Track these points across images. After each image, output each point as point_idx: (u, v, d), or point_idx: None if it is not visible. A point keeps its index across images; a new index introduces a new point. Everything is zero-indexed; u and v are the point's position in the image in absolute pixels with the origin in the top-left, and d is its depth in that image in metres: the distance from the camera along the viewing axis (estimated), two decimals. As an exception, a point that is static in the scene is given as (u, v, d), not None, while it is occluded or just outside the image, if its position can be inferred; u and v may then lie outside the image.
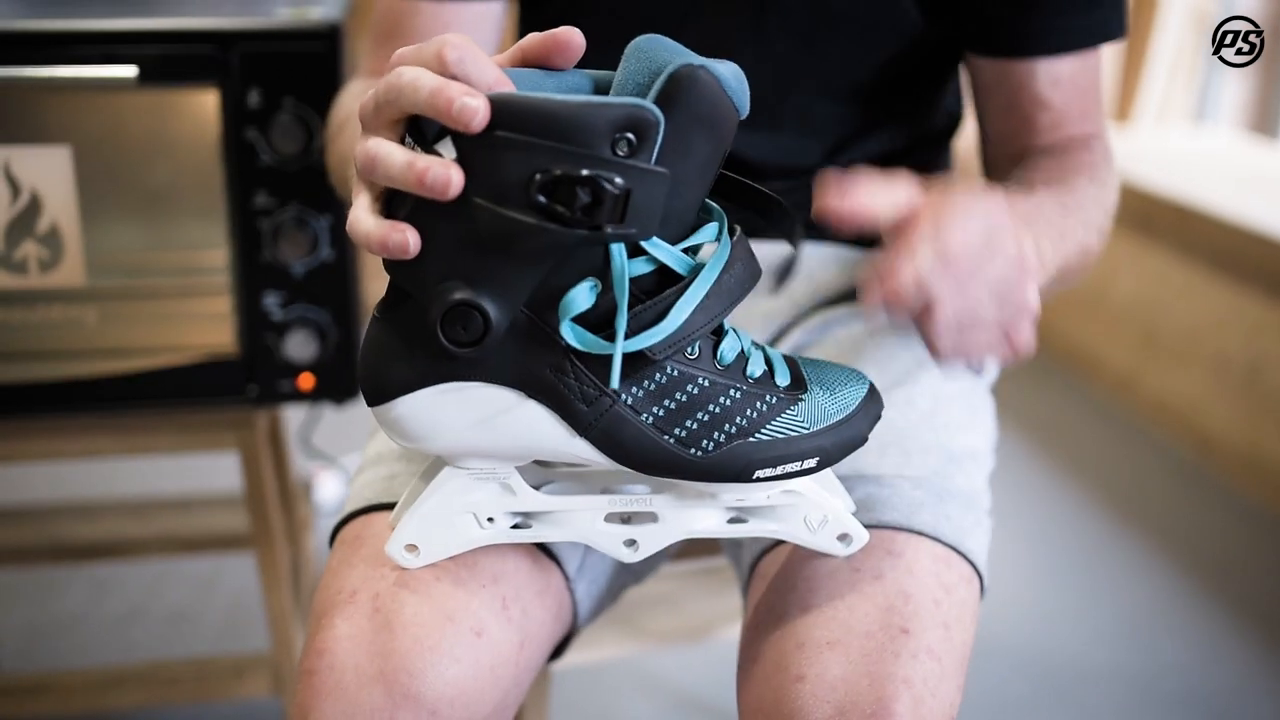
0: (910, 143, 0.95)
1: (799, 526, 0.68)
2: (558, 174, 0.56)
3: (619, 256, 0.59)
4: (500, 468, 0.67)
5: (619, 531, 0.69)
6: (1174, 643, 1.80)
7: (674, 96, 0.58)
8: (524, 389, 0.62)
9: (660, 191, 0.58)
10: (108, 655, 1.69)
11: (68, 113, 1.10)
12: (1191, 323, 2.42)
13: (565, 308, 0.60)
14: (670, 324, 0.60)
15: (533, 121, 0.56)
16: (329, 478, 2.03)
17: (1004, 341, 0.67)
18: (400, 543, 0.68)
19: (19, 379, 1.16)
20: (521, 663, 0.72)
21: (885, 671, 0.66)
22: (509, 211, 0.57)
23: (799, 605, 0.70)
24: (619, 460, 0.64)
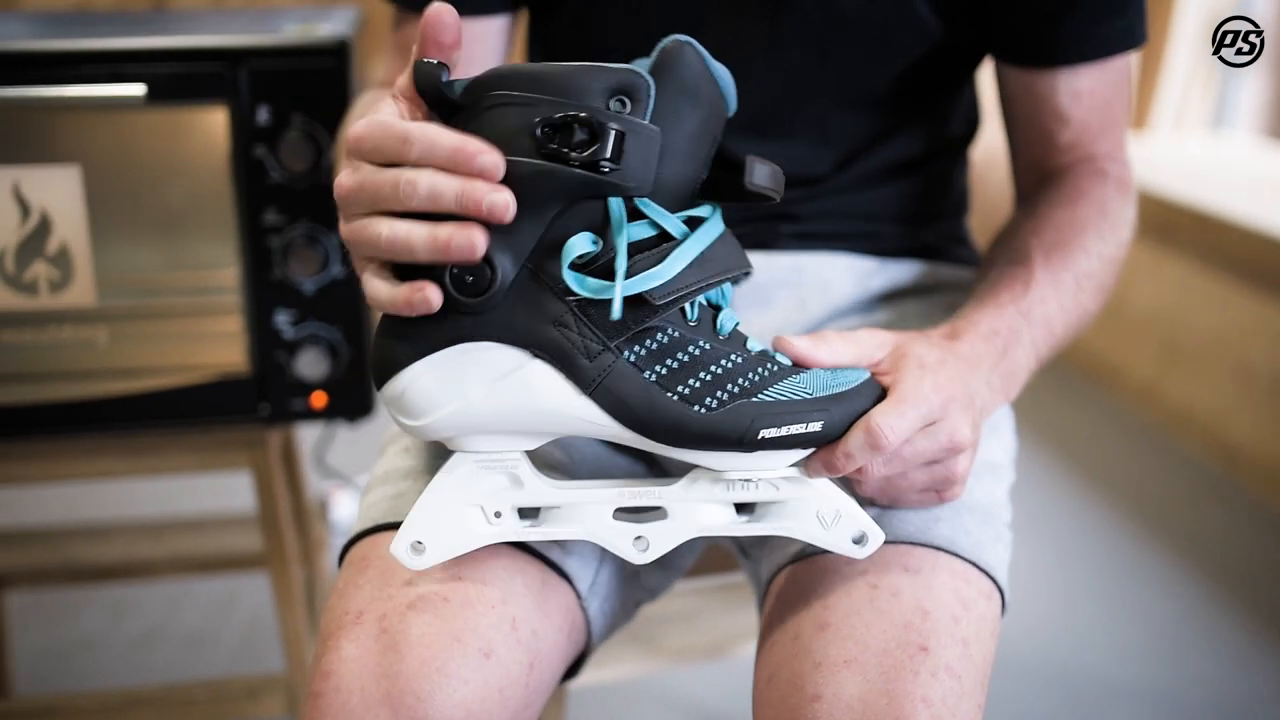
0: (925, 151, 0.94)
1: (811, 523, 0.67)
2: (557, 117, 0.60)
3: (617, 207, 0.62)
4: (507, 454, 0.66)
5: (628, 529, 0.67)
6: (1201, 657, 1.78)
7: (663, 66, 0.63)
8: (529, 347, 0.63)
9: (653, 148, 0.62)
10: (123, 677, 1.68)
11: (76, 132, 1.10)
12: (1213, 331, 2.40)
13: (565, 252, 0.62)
14: (669, 268, 0.63)
15: (534, 83, 0.61)
16: (344, 497, 2.02)
17: (931, 498, 0.72)
18: (406, 540, 0.67)
19: (30, 400, 1.15)
20: (531, 684, 0.70)
21: (903, 690, 0.64)
22: (515, 161, 0.60)
23: (815, 623, 0.69)
24: (623, 420, 0.64)
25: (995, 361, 0.74)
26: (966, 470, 0.70)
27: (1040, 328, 0.79)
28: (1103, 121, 0.88)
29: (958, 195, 1.00)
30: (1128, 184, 0.89)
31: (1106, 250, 0.85)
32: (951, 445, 0.68)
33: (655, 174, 0.63)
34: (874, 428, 0.64)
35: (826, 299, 0.92)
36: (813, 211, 0.92)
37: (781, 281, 0.91)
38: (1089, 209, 0.86)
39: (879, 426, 0.64)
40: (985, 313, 0.78)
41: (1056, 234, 0.84)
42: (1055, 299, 0.80)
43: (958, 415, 0.68)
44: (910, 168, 0.94)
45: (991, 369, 0.74)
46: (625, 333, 0.63)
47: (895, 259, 0.95)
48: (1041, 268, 0.81)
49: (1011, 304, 0.79)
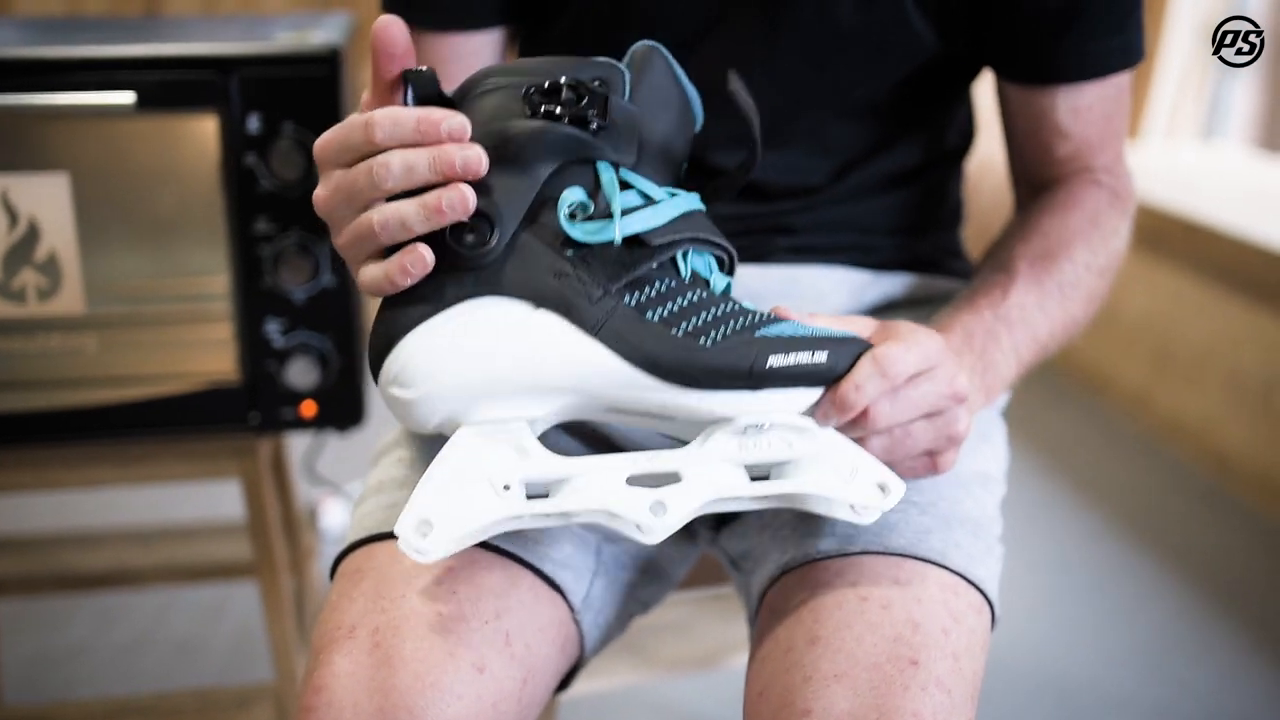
0: (921, 162, 0.94)
1: (830, 476, 0.66)
2: (547, 83, 0.65)
3: (606, 170, 0.66)
4: (513, 423, 0.65)
5: (644, 494, 0.65)
6: (1191, 666, 1.78)
7: (633, 66, 0.69)
8: (531, 299, 0.64)
9: (634, 123, 0.67)
10: (112, 686, 1.67)
11: (66, 140, 1.09)
12: (1205, 340, 2.40)
13: (561, 202, 0.65)
14: (662, 212, 0.66)
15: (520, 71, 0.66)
16: (334, 505, 2.02)
17: (929, 463, 0.70)
18: (412, 519, 0.63)
19: (18, 408, 1.15)
20: (525, 699, 0.70)
21: (893, 705, 0.64)
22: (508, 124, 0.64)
23: (806, 636, 0.69)
24: (632, 359, 0.64)
25: (973, 361, 0.75)
26: (965, 430, 0.69)
27: (1021, 332, 0.79)
28: (1102, 135, 0.89)
29: (953, 207, 1.00)
30: (1124, 195, 0.89)
31: (1096, 260, 0.85)
32: (953, 392, 0.67)
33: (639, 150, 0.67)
34: (880, 355, 0.65)
35: (821, 310, 0.92)
36: (808, 223, 0.92)
37: (776, 294, 0.91)
38: (1080, 219, 0.86)
39: (885, 354, 0.65)
40: (960, 316, 0.78)
41: (1044, 242, 0.84)
42: (1037, 306, 0.80)
43: (954, 364, 0.68)
44: (906, 179, 0.94)
45: (970, 368, 0.74)
46: (623, 276, 0.65)
47: (890, 272, 0.95)
48: (1024, 275, 0.81)
49: (989, 309, 0.79)
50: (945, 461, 0.71)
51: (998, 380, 0.77)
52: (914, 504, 0.76)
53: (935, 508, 0.76)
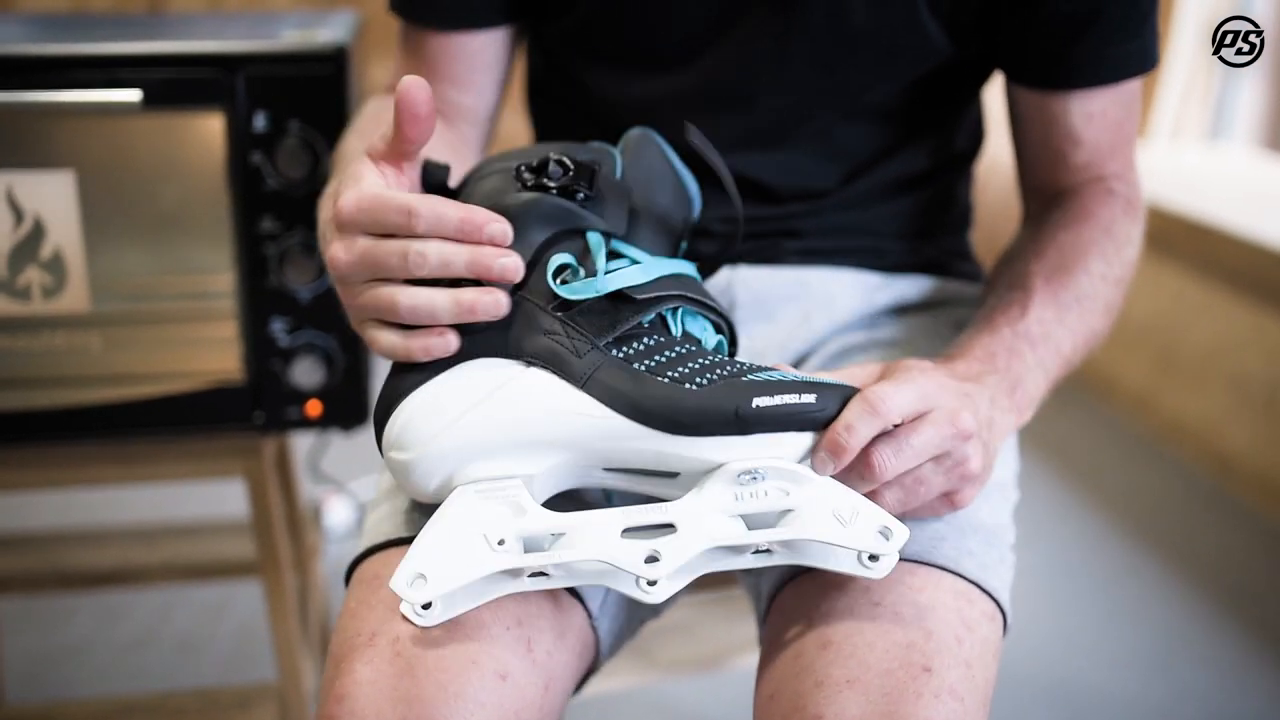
0: (930, 166, 0.94)
1: (830, 523, 0.65)
2: (537, 160, 0.69)
3: (595, 238, 0.69)
4: (508, 482, 0.65)
5: (639, 546, 0.65)
6: (1195, 668, 1.77)
7: (628, 148, 0.75)
8: (522, 358, 0.66)
9: (623, 196, 0.71)
10: (114, 685, 1.67)
11: (71, 138, 1.09)
12: (1209, 342, 2.40)
13: (549, 264, 0.67)
14: (649, 270, 0.68)
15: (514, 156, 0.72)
16: (338, 503, 2.01)
17: (947, 503, 0.71)
18: (408, 574, 0.64)
19: (23, 406, 1.14)
20: (546, 706, 0.69)
21: (906, 712, 0.63)
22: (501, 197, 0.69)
23: (817, 641, 0.68)
24: (618, 407, 0.64)
25: (998, 379, 0.74)
26: (980, 468, 0.68)
27: (1044, 347, 0.78)
28: (1114, 141, 0.88)
29: (961, 210, 0.99)
30: (1136, 203, 0.89)
31: (1112, 271, 0.84)
32: (957, 430, 0.66)
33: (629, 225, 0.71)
34: (869, 394, 0.65)
35: (830, 314, 0.91)
36: (817, 227, 0.92)
37: (785, 296, 0.91)
38: (1094, 230, 0.85)
39: (874, 392, 0.65)
40: (980, 337, 0.77)
41: (1059, 257, 0.83)
42: (1057, 320, 0.79)
43: (952, 400, 0.67)
44: (915, 183, 0.93)
45: (996, 385, 0.73)
46: (611, 331, 0.66)
47: (899, 274, 0.94)
48: (1041, 291, 0.81)
49: (1007, 326, 0.78)
50: (963, 499, 0.70)
51: (1027, 398, 0.76)
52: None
53: (952, 517, 0.76)
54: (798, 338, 0.91)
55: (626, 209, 0.71)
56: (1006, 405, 0.74)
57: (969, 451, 0.68)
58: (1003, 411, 0.73)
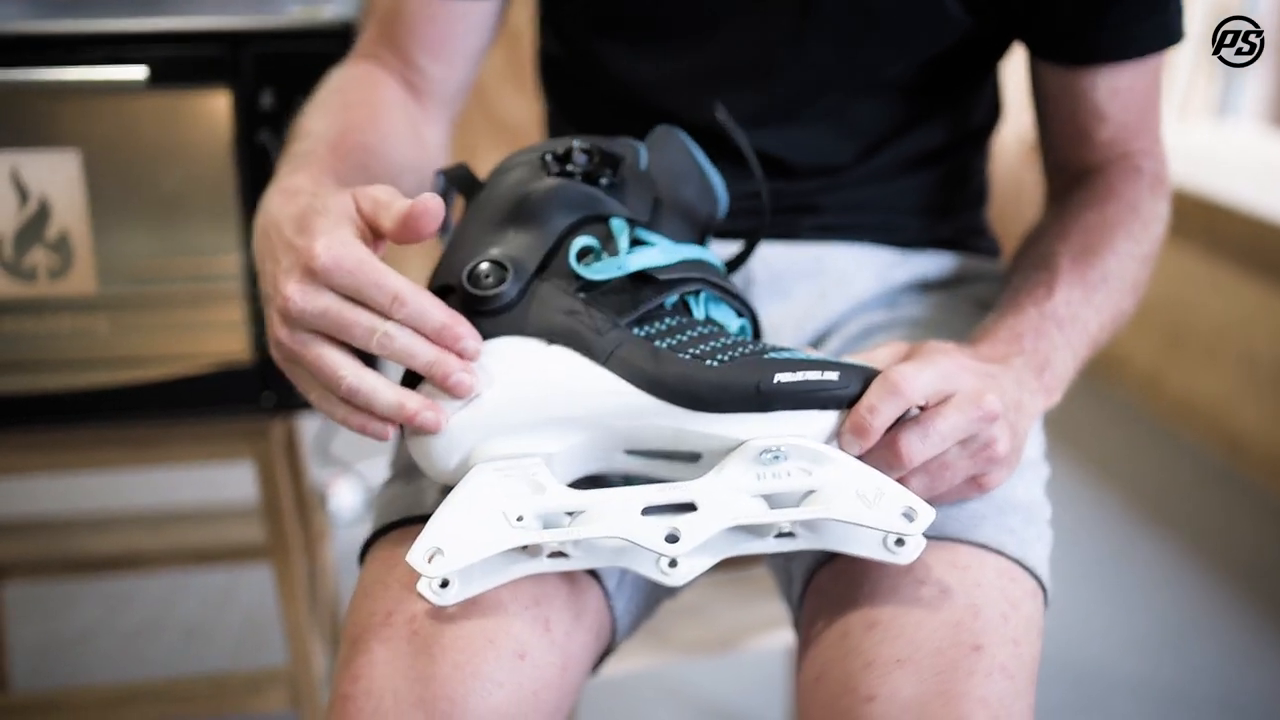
0: (947, 142, 0.93)
1: (853, 502, 0.63)
2: (563, 148, 0.70)
3: (618, 224, 0.69)
4: (528, 459, 0.65)
5: (660, 523, 0.64)
6: (1206, 648, 1.77)
7: (653, 144, 0.75)
8: (544, 336, 0.66)
9: (647, 187, 0.72)
10: (122, 671, 1.67)
11: (76, 117, 1.07)
12: (1219, 320, 2.39)
13: (571, 246, 0.68)
14: (671, 253, 0.68)
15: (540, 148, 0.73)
16: (344, 486, 2.00)
17: (975, 487, 0.70)
18: (424, 548, 0.62)
19: (29, 390, 1.13)
20: (564, 686, 0.68)
21: (959, 690, 0.63)
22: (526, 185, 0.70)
23: (863, 621, 0.67)
24: (639, 383, 0.64)
25: (1025, 360, 0.73)
26: (1008, 451, 0.67)
27: (1071, 327, 0.77)
28: (1140, 118, 0.87)
29: (978, 186, 0.98)
30: (1163, 179, 0.87)
31: (1139, 249, 0.83)
32: (983, 413, 0.65)
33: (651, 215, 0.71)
34: (891, 374, 0.64)
35: (848, 292, 0.90)
36: (834, 203, 0.91)
37: (802, 272, 0.90)
38: (1120, 208, 0.84)
39: (896, 373, 0.64)
40: (1005, 319, 0.76)
41: (1085, 237, 0.82)
42: (1084, 300, 0.78)
43: (975, 382, 0.66)
44: (933, 158, 0.92)
45: (1023, 367, 0.72)
46: (633, 311, 0.66)
47: (917, 251, 0.93)
48: (1068, 271, 0.79)
49: (1033, 307, 0.77)
50: (991, 482, 0.70)
51: (1055, 379, 0.75)
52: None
53: (991, 494, 0.75)
54: (815, 316, 0.90)
55: (650, 199, 0.71)
56: (1035, 386, 0.72)
57: (996, 434, 0.67)
58: (1031, 393, 0.72)
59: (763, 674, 1.66)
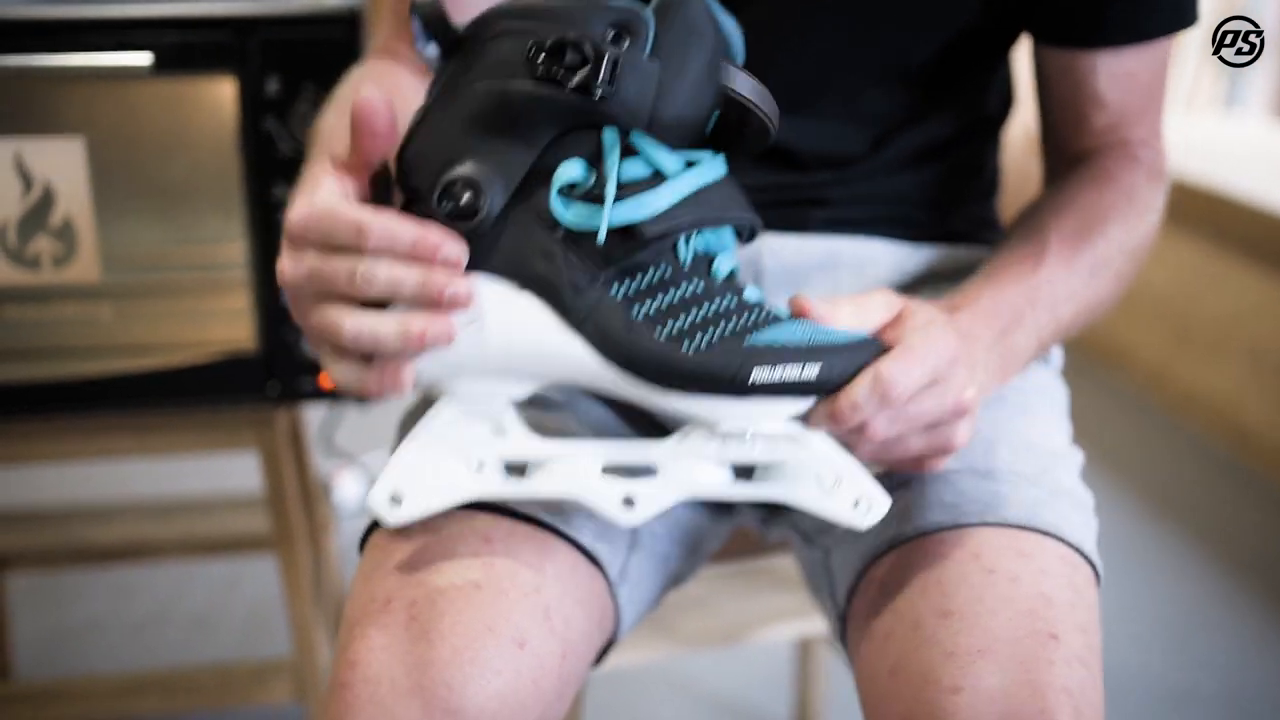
0: (958, 131, 0.92)
1: (811, 486, 0.64)
2: (551, 41, 0.60)
3: (610, 136, 0.62)
4: (493, 400, 0.64)
5: (617, 488, 0.64)
6: (1211, 642, 1.76)
7: (666, 7, 0.63)
8: (515, 279, 0.62)
9: (649, 81, 0.62)
10: (128, 661, 1.67)
11: (81, 103, 1.07)
12: (1225, 313, 2.38)
13: (555, 178, 0.62)
14: (660, 198, 0.61)
15: (533, 16, 0.62)
16: (349, 476, 2.00)
17: (916, 466, 0.69)
18: (384, 491, 0.63)
19: (32, 378, 1.13)
20: (564, 674, 0.68)
21: (1044, 680, 0.63)
22: (507, 83, 0.61)
23: (935, 610, 0.67)
24: (610, 356, 0.62)
25: (993, 341, 0.72)
26: (964, 441, 0.67)
27: (1045, 311, 0.76)
28: (1141, 106, 0.86)
29: (990, 176, 0.97)
30: (1160, 171, 0.86)
31: (1129, 239, 0.82)
32: (956, 407, 0.65)
33: (653, 112, 0.62)
34: (883, 376, 0.62)
35: (862, 282, 0.89)
36: (845, 195, 0.90)
37: (816, 264, 0.89)
38: (1116, 194, 0.83)
39: (889, 374, 0.62)
40: (987, 290, 0.75)
41: (1078, 217, 0.81)
42: (1065, 283, 0.78)
43: (963, 375, 0.66)
44: (945, 149, 0.91)
45: (988, 349, 0.72)
46: (613, 265, 0.62)
47: (929, 244, 0.92)
48: (1056, 249, 0.78)
49: (1015, 283, 0.76)
50: (933, 467, 0.69)
51: (1015, 362, 0.75)
52: (1023, 475, 0.75)
53: (1043, 480, 0.75)
54: None
55: (653, 93, 0.62)
56: (994, 367, 0.72)
57: (959, 427, 0.66)
58: (989, 374, 0.72)
59: (769, 666, 1.66)
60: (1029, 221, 0.83)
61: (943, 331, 0.66)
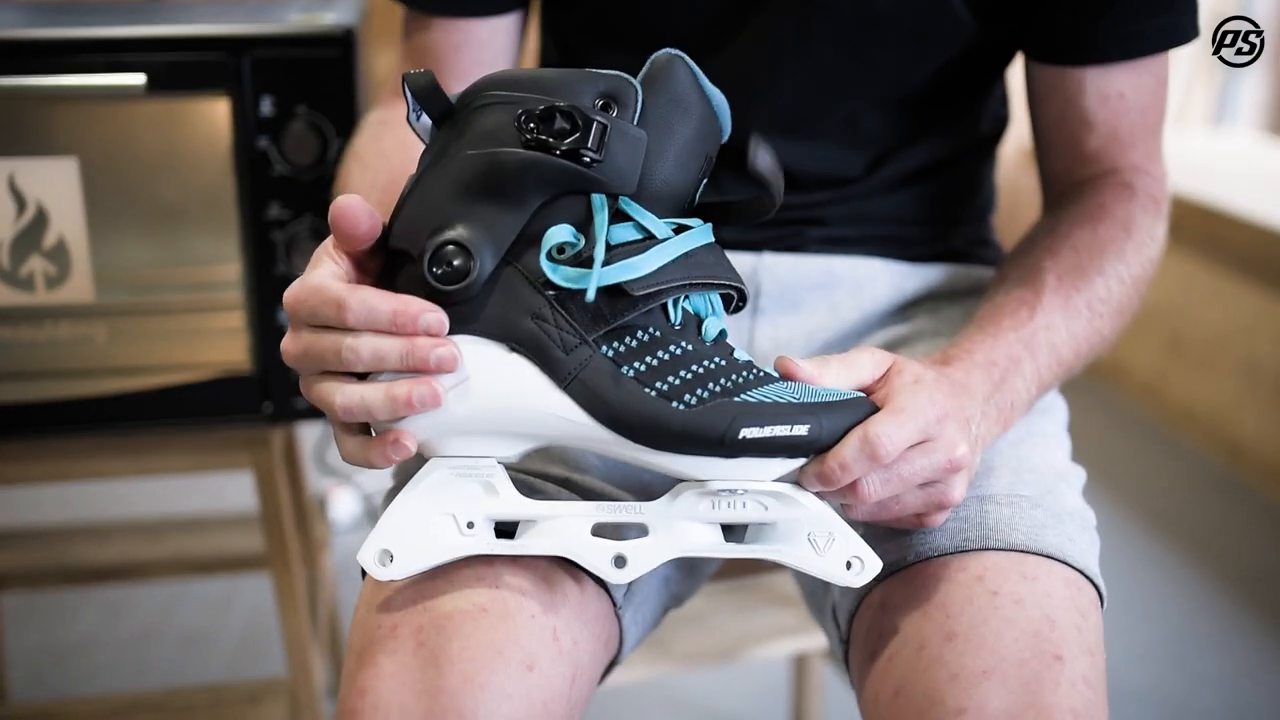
0: (954, 152, 0.92)
1: (803, 546, 0.64)
2: (540, 109, 0.61)
3: (599, 201, 0.62)
4: (483, 461, 0.64)
5: (608, 546, 0.65)
6: (1207, 656, 1.76)
7: (654, 78, 0.64)
8: (505, 341, 0.62)
9: (637, 148, 0.63)
10: (120, 681, 1.66)
11: (74, 123, 1.07)
12: (1219, 327, 2.38)
13: (545, 241, 0.62)
14: (649, 260, 0.62)
15: (523, 86, 0.63)
16: (343, 495, 2.00)
17: (915, 523, 0.69)
18: (374, 549, 0.64)
19: (26, 398, 1.12)
20: (573, 698, 0.68)
21: (1048, 701, 0.62)
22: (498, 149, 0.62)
23: (940, 632, 0.66)
24: (599, 417, 0.62)
25: (990, 391, 0.72)
26: (961, 496, 0.67)
27: (1045, 355, 0.76)
28: (1133, 130, 0.84)
29: (986, 195, 0.97)
30: (1159, 199, 0.85)
31: (1129, 271, 0.81)
32: (950, 464, 0.65)
33: (641, 178, 0.63)
34: (871, 436, 0.62)
35: (860, 302, 0.89)
36: (841, 215, 0.90)
37: (812, 284, 0.89)
38: (1112, 228, 0.82)
39: (876, 435, 0.62)
40: (984, 340, 0.75)
41: (1074, 256, 0.80)
42: (1064, 326, 0.77)
43: (954, 432, 0.65)
44: (941, 168, 0.91)
45: (986, 399, 0.71)
46: (604, 326, 0.62)
47: (925, 264, 0.92)
48: (1052, 292, 0.78)
49: (1012, 330, 0.75)
50: (932, 522, 0.69)
51: (1016, 410, 0.74)
52: (1025, 498, 0.74)
53: (1046, 502, 0.75)
54: (827, 327, 0.89)
55: (640, 161, 0.63)
56: (994, 416, 0.72)
57: (955, 483, 0.66)
58: (990, 423, 0.71)
59: (764, 683, 1.65)
60: (1023, 261, 0.82)
61: (932, 389, 0.65)
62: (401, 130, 0.83)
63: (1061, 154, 0.87)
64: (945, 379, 0.68)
